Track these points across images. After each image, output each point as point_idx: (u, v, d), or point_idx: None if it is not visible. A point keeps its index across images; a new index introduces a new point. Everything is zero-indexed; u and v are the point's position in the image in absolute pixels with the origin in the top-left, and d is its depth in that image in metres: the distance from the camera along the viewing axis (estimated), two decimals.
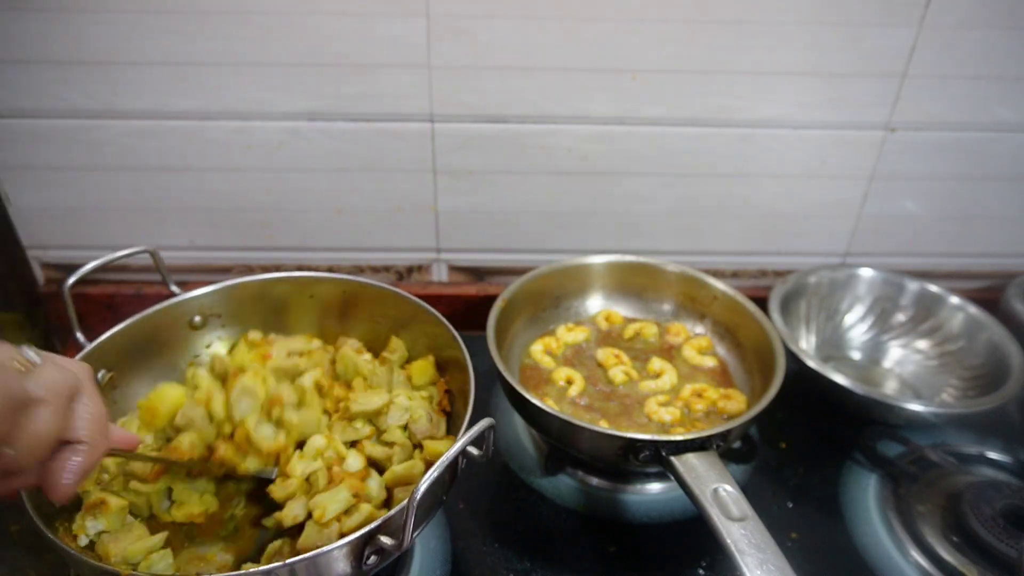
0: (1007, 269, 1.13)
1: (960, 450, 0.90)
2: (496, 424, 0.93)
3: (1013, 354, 0.94)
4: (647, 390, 0.90)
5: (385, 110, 0.95)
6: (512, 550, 0.78)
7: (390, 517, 0.56)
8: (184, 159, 0.98)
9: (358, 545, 0.56)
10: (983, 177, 1.04)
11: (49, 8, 0.86)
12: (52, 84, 0.91)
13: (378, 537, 0.56)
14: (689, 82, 0.95)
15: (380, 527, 0.56)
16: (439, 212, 1.05)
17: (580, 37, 0.91)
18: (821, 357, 1.04)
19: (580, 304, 1.02)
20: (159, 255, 0.80)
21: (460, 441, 0.58)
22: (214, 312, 0.83)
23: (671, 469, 0.71)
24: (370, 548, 0.56)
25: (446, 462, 0.56)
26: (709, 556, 0.78)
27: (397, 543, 0.56)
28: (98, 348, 0.73)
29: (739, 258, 1.12)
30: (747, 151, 1.00)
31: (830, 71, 0.94)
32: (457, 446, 0.57)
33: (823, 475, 0.89)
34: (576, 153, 1.00)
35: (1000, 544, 0.74)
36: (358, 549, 0.56)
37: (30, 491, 0.59)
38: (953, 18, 0.90)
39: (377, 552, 0.57)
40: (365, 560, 0.57)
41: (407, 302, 0.81)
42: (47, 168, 0.97)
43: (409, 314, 0.82)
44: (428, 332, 0.80)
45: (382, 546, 0.56)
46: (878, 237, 1.09)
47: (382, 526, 0.56)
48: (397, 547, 0.56)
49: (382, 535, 0.56)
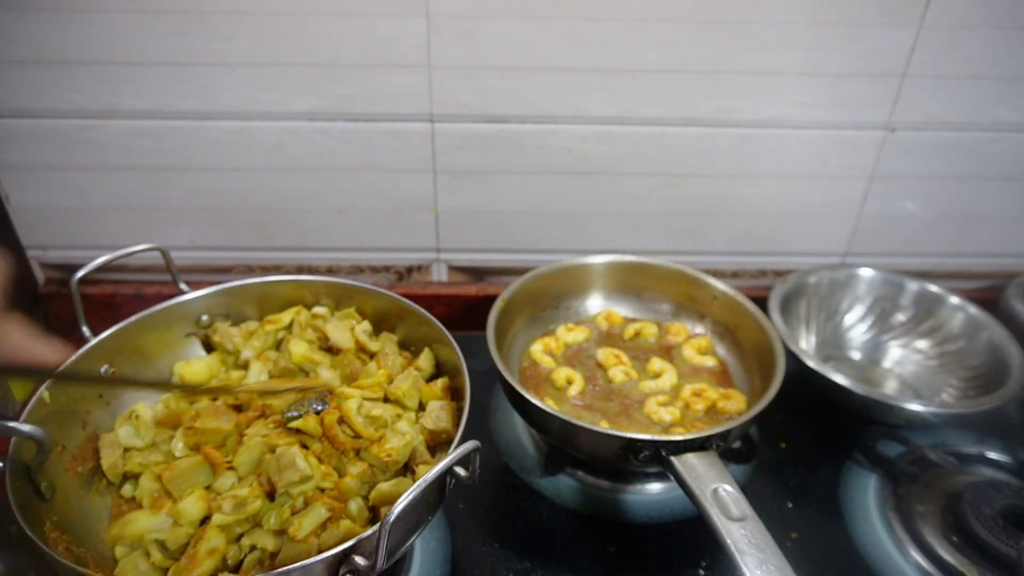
0: (1007, 269, 1.13)
1: (960, 450, 0.90)
2: (496, 425, 0.94)
3: (1013, 354, 0.94)
4: (647, 390, 0.90)
5: (385, 110, 0.95)
6: (512, 550, 0.78)
7: (365, 537, 0.55)
8: (184, 159, 0.98)
9: (333, 563, 0.55)
10: (983, 177, 1.04)
11: (49, 8, 0.86)
12: (52, 84, 0.91)
13: (352, 557, 0.55)
14: (689, 82, 0.95)
15: (354, 547, 0.55)
16: (439, 212, 1.05)
17: (580, 37, 0.91)
18: (821, 357, 1.04)
19: (580, 304, 1.02)
20: (169, 253, 0.80)
21: (439, 465, 0.56)
22: (220, 312, 0.83)
23: (671, 469, 0.71)
24: (345, 567, 0.55)
25: (422, 486, 0.54)
26: (709, 556, 0.78)
27: (371, 564, 0.55)
28: (102, 343, 0.73)
29: (739, 258, 1.12)
30: (747, 151, 1.00)
31: (830, 71, 0.94)
32: (437, 468, 0.56)
33: (823, 475, 0.89)
34: (576, 153, 1.00)
35: (1000, 544, 0.74)
36: (333, 567, 0.55)
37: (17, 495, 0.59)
38: (953, 18, 0.90)
39: (352, 572, 0.55)
40: None
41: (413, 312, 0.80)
42: (47, 168, 0.97)
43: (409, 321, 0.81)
44: (424, 334, 0.80)
45: (356, 567, 0.55)
46: (878, 237, 1.09)
47: (356, 546, 0.55)
48: (371, 568, 0.55)
49: (356, 555, 0.55)
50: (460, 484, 0.60)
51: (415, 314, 0.80)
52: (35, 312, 1.07)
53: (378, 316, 0.84)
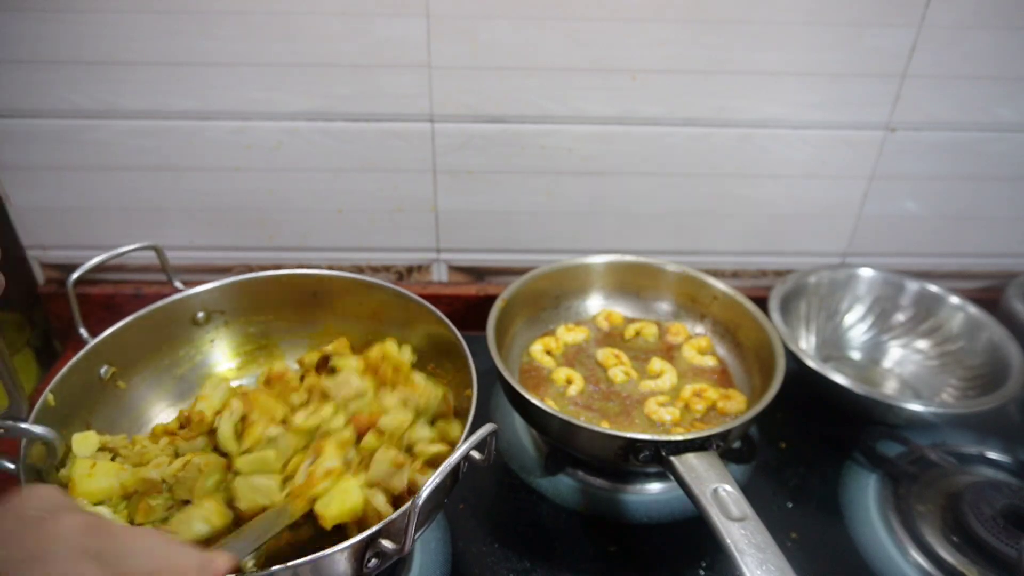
0: (1007, 269, 1.12)
1: (960, 450, 0.90)
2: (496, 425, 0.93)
3: (1013, 354, 0.94)
4: (647, 390, 0.90)
5: (385, 110, 0.95)
6: (512, 550, 0.78)
7: (392, 520, 0.56)
8: (184, 159, 0.98)
9: (359, 548, 0.56)
10: (983, 177, 1.04)
11: (49, 8, 0.86)
12: (52, 84, 0.91)
13: (379, 540, 0.56)
14: (689, 82, 0.95)
15: (382, 531, 0.56)
16: (439, 212, 1.05)
17: (580, 37, 0.91)
18: (821, 357, 1.04)
19: (580, 304, 1.02)
20: (163, 252, 0.80)
21: (463, 446, 0.58)
22: (218, 308, 0.83)
23: (671, 469, 0.71)
24: (371, 551, 0.56)
25: (449, 467, 0.56)
26: (709, 556, 0.78)
27: (399, 547, 0.56)
28: (101, 343, 0.73)
29: (739, 258, 1.12)
30: (747, 151, 1.00)
31: (830, 71, 0.94)
32: (460, 451, 0.57)
33: (823, 475, 0.89)
34: (576, 153, 1.00)
35: (1000, 544, 0.74)
36: (359, 552, 0.56)
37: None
38: (953, 18, 0.90)
39: (378, 555, 0.57)
40: (366, 563, 0.57)
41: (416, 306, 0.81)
42: (47, 168, 0.97)
43: (412, 315, 0.82)
44: (430, 332, 0.81)
45: (383, 550, 0.56)
46: (878, 237, 1.09)
47: (383, 530, 0.56)
48: (399, 551, 0.56)
49: (383, 539, 0.56)
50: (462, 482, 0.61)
51: (413, 305, 0.80)
52: (35, 312, 1.07)
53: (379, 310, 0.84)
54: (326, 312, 0.87)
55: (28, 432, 0.61)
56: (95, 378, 0.74)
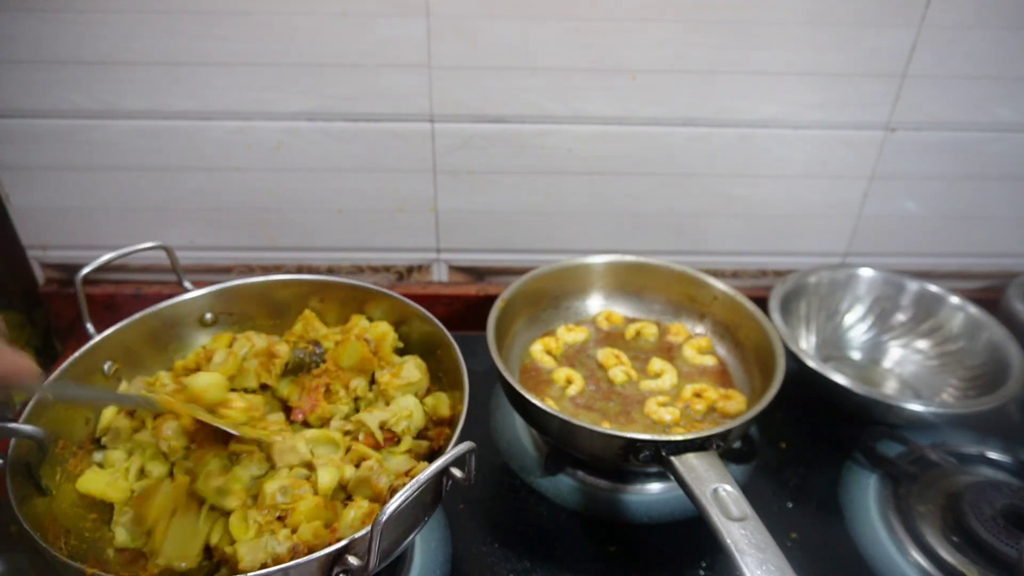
0: (1007, 269, 1.12)
1: (960, 450, 0.90)
2: (496, 425, 0.94)
3: (1013, 354, 0.94)
4: (647, 390, 0.90)
5: (385, 110, 0.95)
6: (512, 550, 0.78)
7: (358, 537, 0.55)
8: (184, 159, 0.98)
9: (326, 563, 0.55)
10: (983, 177, 1.04)
11: (49, 8, 0.86)
12: (52, 84, 0.91)
13: (346, 556, 0.55)
14: (689, 82, 0.95)
15: (348, 546, 0.55)
16: (439, 212, 1.05)
17: (580, 37, 0.91)
18: (821, 357, 1.04)
19: (580, 304, 1.02)
20: (174, 252, 0.80)
21: (433, 466, 0.56)
22: (225, 310, 0.84)
23: (671, 469, 0.71)
24: (339, 567, 0.55)
25: (415, 486, 0.54)
26: (709, 556, 0.78)
27: (363, 564, 0.55)
28: (106, 340, 0.74)
29: (739, 258, 1.12)
30: (747, 151, 1.00)
31: (830, 71, 0.94)
32: (430, 470, 0.55)
33: (823, 475, 0.89)
34: (576, 153, 1.00)
35: (1000, 544, 0.74)
36: (326, 566, 0.55)
37: (17, 493, 0.59)
38: (953, 18, 0.90)
39: (345, 572, 0.55)
40: None
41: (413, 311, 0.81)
42: (47, 168, 0.97)
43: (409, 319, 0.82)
44: (425, 332, 0.81)
45: (349, 566, 0.55)
46: (878, 237, 1.09)
47: (350, 545, 0.55)
48: (363, 569, 0.55)
49: (350, 555, 0.55)
50: (458, 486, 0.60)
51: (415, 313, 0.80)
52: (35, 312, 1.07)
53: (380, 315, 0.84)
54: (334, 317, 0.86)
55: (15, 431, 0.62)
56: (98, 374, 0.74)
